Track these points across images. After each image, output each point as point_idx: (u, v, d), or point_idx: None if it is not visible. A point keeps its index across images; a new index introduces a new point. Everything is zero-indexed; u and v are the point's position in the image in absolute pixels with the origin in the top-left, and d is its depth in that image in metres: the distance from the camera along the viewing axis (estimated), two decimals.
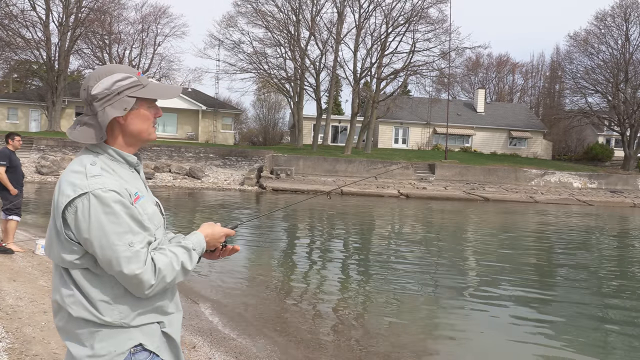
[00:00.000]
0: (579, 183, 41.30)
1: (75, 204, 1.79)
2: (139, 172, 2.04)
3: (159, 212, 2.01)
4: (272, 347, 5.76)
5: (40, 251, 8.96)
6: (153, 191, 2.19)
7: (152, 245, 1.87)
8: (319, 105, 48.22)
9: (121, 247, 1.77)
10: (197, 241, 2.01)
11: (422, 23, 45.08)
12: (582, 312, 8.23)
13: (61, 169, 31.32)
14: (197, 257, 1.99)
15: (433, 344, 6.48)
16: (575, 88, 54.95)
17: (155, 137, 2.04)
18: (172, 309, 2.01)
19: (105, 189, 1.79)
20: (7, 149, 8.84)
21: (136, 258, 1.78)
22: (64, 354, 4.70)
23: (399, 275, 10.32)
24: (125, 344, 1.85)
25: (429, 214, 24.12)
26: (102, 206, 1.77)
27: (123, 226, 1.78)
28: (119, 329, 1.85)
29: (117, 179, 1.86)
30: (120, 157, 1.95)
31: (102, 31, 48.65)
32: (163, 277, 1.84)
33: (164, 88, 2.02)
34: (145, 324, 1.90)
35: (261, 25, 46.47)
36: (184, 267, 1.90)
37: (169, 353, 1.98)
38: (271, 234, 15.51)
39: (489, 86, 76.41)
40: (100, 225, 1.76)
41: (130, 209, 1.82)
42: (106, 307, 1.84)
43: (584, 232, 19.69)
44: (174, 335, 1.99)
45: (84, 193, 1.78)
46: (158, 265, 1.82)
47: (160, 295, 1.93)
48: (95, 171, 1.84)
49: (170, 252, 1.89)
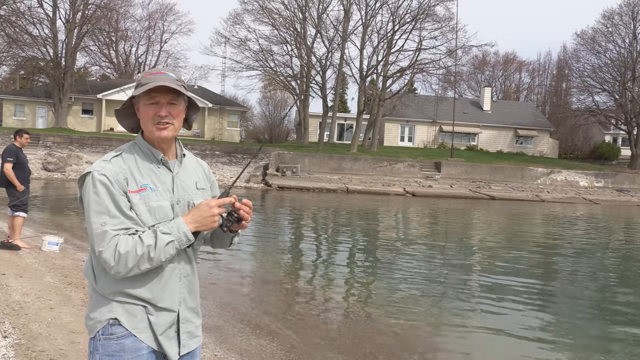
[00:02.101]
0: (586, 182, 41.11)
1: (83, 180, 2.06)
2: (170, 169, 2.16)
3: (167, 209, 2.09)
4: (277, 344, 5.76)
5: (46, 247, 9.00)
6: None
7: (130, 230, 1.98)
8: (325, 103, 48.17)
9: (95, 224, 1.97)
10: (172, 225, 2.01)
11: (429, 21, 45.00)
12: (588, 309, 8.20)
13: (67, 165, 31.42)
14: (170, 240, 1.98)
15: (440, 340, 6.47)
16: (582, 86, 54.70)
17: (159, 135, 2.09)
18: (164, 304, 2.09)
19: (99, 173, 2.01)
20: (14, 145, 8.87)
21: (102, 237, 1.96)
22: (70, 350, 4.72)
23: (405, 272, 10.30)
24: (105, 315, 2.05)
25: (434, 212, 24.07)
26: (92, 186, 2.00)
27: (102, 207, 1.98)
28: (103, 299, 2.07)
29: (125, 168, 2.05)
30: (149, 151, 2.14)
31: (109, 28, 48.86)
32: (124, 261, 1.94)
33: (148, 83, 2.06)
34: (127, 302, 2.05)
35: (267, 23, 46.48)
36: (149, 253, 1.95)
37: (150, 339, 2.07)
38: (276, 231, 15.51)
39: (495, 84, 76.16)
40: (87, 201, 2.01)
41: (113, 194, 1.99)
42: (98, 276, 2.08)
43: (590, 232, 19.61)
44: (157, 327, 2.07)
45: (88, 172, 2.04)
46: (118, 248, 1.94)
47: (141, 284, 2.04)
48: (107, 157, 2.09)
49: (139, 237, 1.97)
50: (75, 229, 12.98)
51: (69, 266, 8.13)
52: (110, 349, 2.04)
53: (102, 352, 2.04)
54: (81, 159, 33.15)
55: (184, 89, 2.12)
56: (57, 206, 17.51)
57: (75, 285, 7.00)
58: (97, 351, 2.06)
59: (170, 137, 2.13)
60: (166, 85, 2.05)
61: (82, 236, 11.77)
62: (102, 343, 2.04)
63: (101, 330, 2.05)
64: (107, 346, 2.04)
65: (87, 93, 48.60)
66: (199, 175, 2.28)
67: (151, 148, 2.13)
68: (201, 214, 2.04)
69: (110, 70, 65.13)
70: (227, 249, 2.58)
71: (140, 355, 2.05)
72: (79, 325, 5.41)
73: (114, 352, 2.03)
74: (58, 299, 6.24)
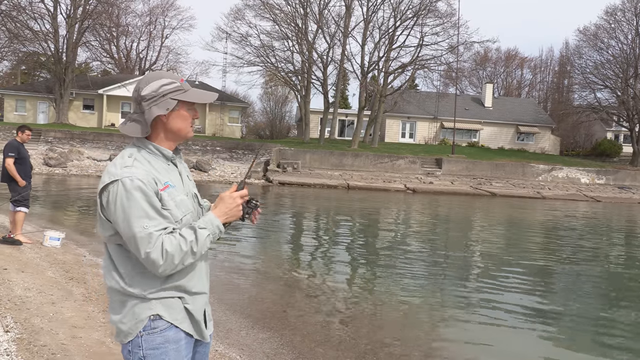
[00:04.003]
0: (587, 179, 41.07)
1: (109, 189, 2.08)
2: (177, 165, 2.31)
3: (187, 201, 2.25)
4: (277, 340, 5.78)
5: (48, 242, 9.02)
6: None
7: (168, 230, 2.08)
8: (326, 99, 48.11)
9: (137, 228, 2.02)
10: (207, 220, 2.18)
11: (431, 17, 44.85)
12: (591, 309, 8.21)
13: (69, 160, 31.42)
14: (207, 234, 2.15)
15: (439, 338, 6.48)
16: (584, 83, 54.53)
17: (192, 135, 2.33)
18: (197, 289, 2.24)
19: (132, 178, 2.06)
20: (16, 140, 8.90)
21: (148, 239, 2.02)
22: (72, 345, 4.74)
23: (406, 270, 10.32)
24: (145, 313, 2.12)
25: (436, 210, 24.07)
26: (126, 192, 2.04)
27: (140, 211, 2.04)
28: (141, 300, 2.13)
29: (149, 169, 2.13)
30: (158, 151, 2.24)
31: (110, 23, 48.81)
32: (171, 258, 2.05)
33: (202, 94, 2.31)
34: (165, 298, 2.15)
35: (269, 19, 46.37)
36: (192, 248, 2.10)
37: (189, 327, 2.21)
38: (276, 226, 15.53)
39: (497, 81, 76.07)
40: (123, 208, 2.04)
41: (149, 196, 2.06)
42: (131, 280, 2.13)
43: (591, 231, 19.61)
44: (195, 313, 2.22)
45: (115, 180, 2.07)
46: (165, 247, 2.03)
47: (181, 274, 2.16)
48: (128, 162, 2.13)
49: (179, 235, 2.09)
50: (76, 224, 13.00)
51: (70, 261, 8.15)
52: (154, 343, 2.12)
53: (146, 347, 2.12)
54: (82, 154, 33.16)
55: None
56: (58, 201, 17.53)
57: (77, 280, 7.02)
58: (139, 348, 2.12)
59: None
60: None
61: (83, 231, 11.80)
62: (145, 338, 2.12)
63: (142, 327, 2.12)
64: (150, 340, 2.12)
65: (88, 88, 48.57)
66: (187, 168, 2.46)
67: (160, 148, 2.24)
68: (228, 206, 2.24)
69: (112, 65, 65.10)
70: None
71: (180, 345, 2.18)
72: (81, 320, 5.43)
73: (158, 345, 2.12)
74: (60, 294, 6.26)
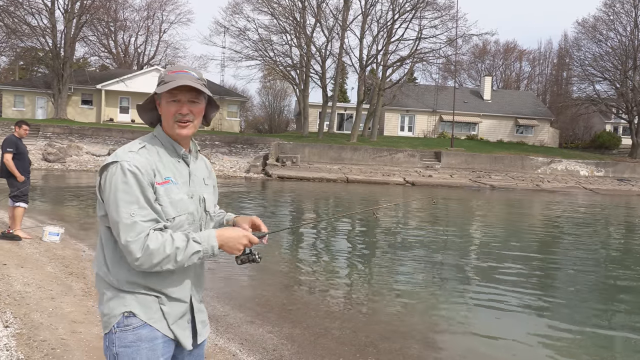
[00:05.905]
0: (586, 171, 41.10)
1: (108, 169, 2.04)
2: (188, 164, 2.22)
3: (187, 202, 2.16)
4: (278, 333, 5.79)
5: (47, 238, 9.02)
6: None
7: (158, 225, 2.02)
8: (325, 92, 48.04)
9: (124, 214, 1.97)
10: (205, 236, 2.08)
11: (429, 9, 44.85)
12: (591, 301, 8.23)
13: (67, 156, 31.39)
14: (198, 250, 2.04)
15: (437, 331, 6.49)
16: (583, 75, 54.50)
17: (180, 133, 2.15)
18: (177, 295, 2.14)
19: (130, 163, 2.01)
20: (14, 136, 8.89)
21: (132, 227, 1.97)
22: (72, 340, 4.75)
23: (405, 264, 10.33)
24: (119, 309, 2.07)
25: (434, 203, 24.07)
26: (122, 175, 2.00)
27: (131, 197, 1.99)
28: (117, 292, 2.08)
29: (153, 160, 2.08)
30: (170, 145, 2.18)
31: (108, 18, 48.66)
32: (150, 256, 1.97)
33: (171, 80, 2.10)
34: (140, 293, 2.07)
35: (267, 12, 46.28)
36: (176, 255, 2.00)
37: (166, 329, 2.12)
38: (276, 220, 15.53)
39: (495, 73, 75.99)
40: (115, 190, 2.00)
41: (143, 186, 2.01)
42: (112, 266, 2.09)
43: (590, 222, 19.63)
44: (169, 317, 2.13)
45: (115, 162, 2.03)
46: (148, 242, 1.96)
47: (160, 276, 2.07)
48: (133, 148, 2.09)
49: (170, 236, 2.01)
50: (75, 219, 12.99)
51: (69, 256, 8.15)
52: (126, 340, 2.06)
53: (119, 344, 2.07)
54: (81, 149, 33.13)
55: (205, 87, 2.17)
56: (57, 197, 17.52)
57: (76, 275, 7.03)
58: (113, 344, 2.08)
59: (190, 135, 2.20)
60: (188, 85, 2.09)
61: (82, 226, 11.79)
62: (118, 335, 2.07)
63: (116, 323, 2.07)
64: (123, 338, 2.06)
65: (86, 83, 48.47)
66: (205, 171, 2.36)
67: (173, 142, 2.17)
68: (234, 237, 2.12)
69: (110, 60, 65.00)
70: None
71: (156, 344, 2.09)
72: (80, 315, 5.44)
73: (130, 343, 2.06)
74: (59, 289, 6.26)
